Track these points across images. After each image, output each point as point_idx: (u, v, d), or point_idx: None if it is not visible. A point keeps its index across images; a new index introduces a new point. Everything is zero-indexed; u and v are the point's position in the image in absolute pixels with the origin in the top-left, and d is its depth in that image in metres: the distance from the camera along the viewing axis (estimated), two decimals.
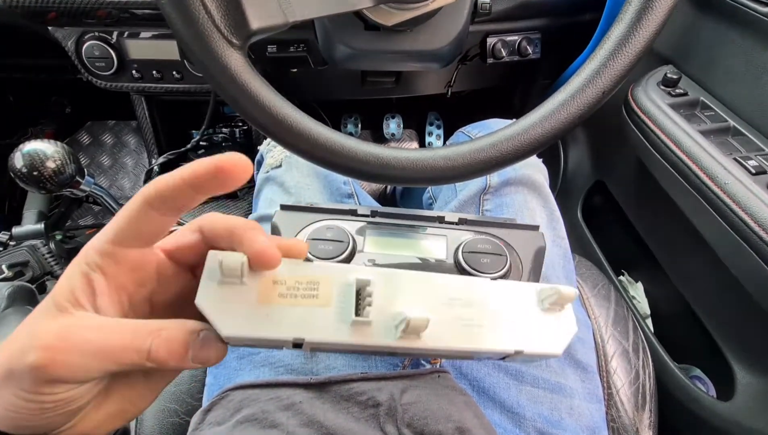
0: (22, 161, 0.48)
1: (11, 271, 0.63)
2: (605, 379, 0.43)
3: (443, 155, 0.32)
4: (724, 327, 0.55)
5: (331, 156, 0.32)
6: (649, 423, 0.43)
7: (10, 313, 0.50)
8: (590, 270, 0.54)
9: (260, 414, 0.32)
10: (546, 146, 0.32)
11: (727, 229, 0.44)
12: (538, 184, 0.49)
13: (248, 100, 0.30)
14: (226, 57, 0.29)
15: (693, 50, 0.56)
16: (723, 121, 0.50)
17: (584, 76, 0.30)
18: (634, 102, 0.56)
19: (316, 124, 0.31)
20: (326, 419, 0.31)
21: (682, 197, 0.51)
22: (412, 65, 0.62)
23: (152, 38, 0.69)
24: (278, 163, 0.54)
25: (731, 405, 0.51)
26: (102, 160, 1.19)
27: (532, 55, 0.67)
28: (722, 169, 0.45)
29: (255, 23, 0.29)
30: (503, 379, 0.37)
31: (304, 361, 0.38)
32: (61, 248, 0.72)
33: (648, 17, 0.29)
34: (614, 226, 0.77)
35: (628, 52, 0.29)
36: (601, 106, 0.31)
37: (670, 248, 0.64)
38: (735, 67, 0.51)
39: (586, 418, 0.37)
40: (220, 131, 0.99)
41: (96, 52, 0.69)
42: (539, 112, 0.31)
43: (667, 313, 0.69)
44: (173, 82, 0.74)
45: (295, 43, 0.64)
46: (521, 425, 0.36)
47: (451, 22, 0.49)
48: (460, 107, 1.12)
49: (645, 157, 0.56)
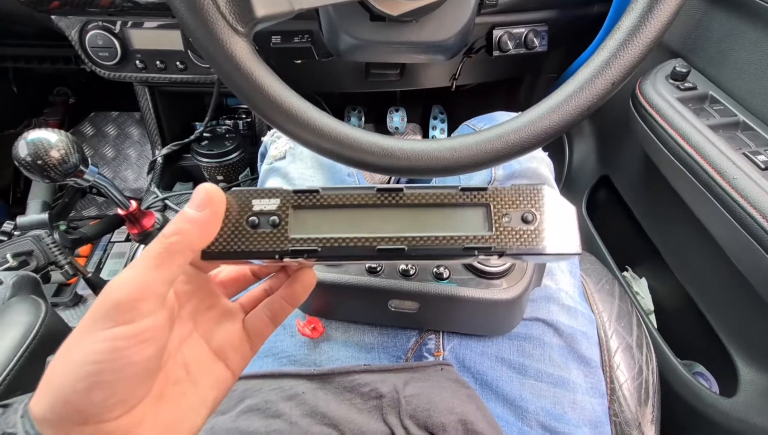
0: (26, 150, 0.48)
1: (16, 260, 0.63)
2: (608, 374, 0.43)
3: (449, 146, 0.31)
4: (728, 323, 0.55)
5: (336, 147, 0.31)
6: (651, 418, 0.43)
7: (14, 302, 0.50)
8: (594, 265, 0.54)
9: (263, 404, 0.32)
10: (554, 138, 0.31)
11: (735, 224, 0.43)
12: (543, 178, 0.49)
13: (253, 89, 0.29)
14: (231, 45, 0.28)
15: (702, 43, 0.56)
16: (732, 115, 0.49)
17: (594, 66, 0.29)
18: (642, 95, 0.55)
19: (322, 114, 0.31)
20: (329, 410, 0.31)
21: (689, 192, 0.51)
22: (417, 57, 0.61)
23: (156, 28, 0.69)
24: (282, 154, 0.54)
25: (734, 401, 0.50)
26: (105, 151, 1.19)
27: (539, 47, 0.66)
28: (731, 164, 0.44)
29: (260, 10, 0.29)
30: (506, 373, 0.37)
31: (307, 352, 0.38)
32: (65, 238, 0.72)
33: (660, 7, 0.28)
34: (619, 221, 0.76)
35: (639, 43, 0.28)
36: (608, 100, 0.31)
37: (675, 244, 0.64)
38: (745, 61, 0.50)
39: (589, 413, 0.37)
40: (224, 123, 0.99)
41: (99, 42, 0.69)
42: (547, 103, 0.30)
43: (670, 308, 0.68)
44: (177, 72, 0.73)
45: (299, 34, 0.64)
46: (524, 419, 0.36)
47: (457, 13, 0.48)
48: (465, 101, 1.11)
49: (652, 151, 0.56)
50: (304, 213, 0.23)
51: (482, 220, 0.23)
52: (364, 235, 0.22)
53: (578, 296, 0.44)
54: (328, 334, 0.39)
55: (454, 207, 0.23)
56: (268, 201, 0.23)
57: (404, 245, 0.22)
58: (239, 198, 0.23)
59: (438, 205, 0.23)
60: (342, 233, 0.22)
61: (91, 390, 0.18)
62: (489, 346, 0.38)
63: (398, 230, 0.23)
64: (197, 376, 0.23)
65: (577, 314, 0.42)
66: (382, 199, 0.23)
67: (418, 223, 0.23)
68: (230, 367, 0.24)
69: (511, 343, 0.38)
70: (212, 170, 0.90)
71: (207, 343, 0.24)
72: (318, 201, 0.23)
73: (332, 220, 0.23)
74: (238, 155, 0.90)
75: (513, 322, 0.39)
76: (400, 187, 0.23)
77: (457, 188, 0.23)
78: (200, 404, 0.22)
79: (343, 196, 0.23)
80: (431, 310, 0.36)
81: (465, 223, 0.23)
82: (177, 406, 0.21)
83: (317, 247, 0.22)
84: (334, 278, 0.35)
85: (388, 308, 0.36)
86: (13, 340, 0.44)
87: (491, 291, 0.34)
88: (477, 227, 0.23)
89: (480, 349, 0.38)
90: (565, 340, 0.40)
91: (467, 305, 0.35)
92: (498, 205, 0.23)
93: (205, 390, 0.23)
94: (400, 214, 0.23)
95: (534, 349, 0.38)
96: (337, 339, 0.39)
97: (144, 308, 0.19)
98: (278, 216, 0.23)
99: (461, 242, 0.22)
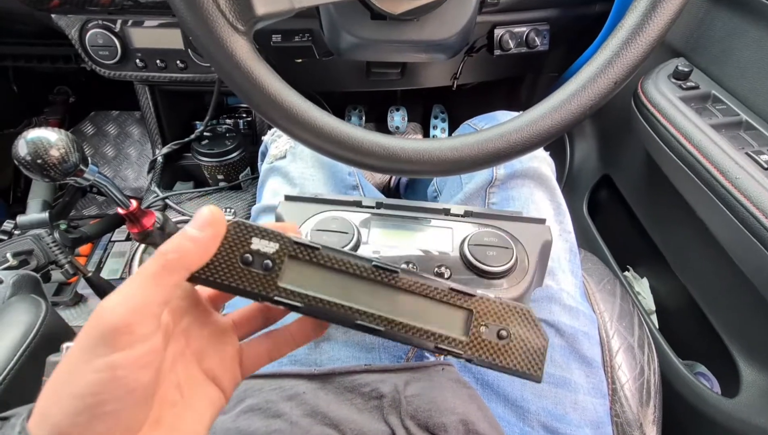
0: (26, 149, 0.48)
1: (16, 259, 0.63)
2: (610, 374, 0.43)
3: (450, 146, 0.31)
4: (730, 323, 0.55)
5: (336, 146, 0.31)
6: (653, 419, 0.43)
7: (14, 301, 0.50)
8: (596, 265, 0.54)
9: (264, 404, 0.32)
10: (555, 138, 0.31)
11: (738, 224, 0.43)
12: (545, 177, 0.49)
13: (253, 88, 0.29)
14: (231, 43, 0.28)
15: (705, 42, 0.55)
16: (735, 115, 0.49)
17: (596, 65, 0.29)
18: (644, 95, 0.55)
19: (322, 113, 0.31)
20: (329, 410, 0.31)
21: (691, 192, 0.51)
22: (418, 56, 0.61)
23: (156, 27, 0.69)
24: (283, 153, 0.54)
25: (736, 402, 0.50)
26: (106, 150, 1.19)
27: (540, 47, 0.66)
28: (733, 163, 0.44)
29: (260, 8, 0.29)
30: None
31: (308, 352, 0.38)
32: (66, 237, 0.72)
33: (663, 5, 0.28)
34: (620, 220, 0.76)
35: (642, 42, 0.28)
36: (610, 99, 0.30)
37: (677, 244, 0.63)
38: (748, 60, 0.50)
39: (590, 413, 0.37)
40: (224, 122, 0.98)
41: (100, 41, 0.69)
42: (549, 102, 0.30)
43: (672, 308, 0.68)
44: (177, 71, 0.73)
45: (300, 33, 0.63)
46: (525, 419, 0.35)
47: (458, 12, 0.48)
48: (466, 100, 1.11)
49: (654, 151, 0.56)
50: (298, 265, 0.23)
51: (462, 324, 0.24)
52: (348, 304, 0.23)
53: (580, 296, 0.44)
54: (329, 333, 0.39)
55: (440, 303, 0.24)
56: (268, 243, 0.23)
57: (382, 326, 0.23)
58: (240, 231, 0.23)
59: (426, 296, 0.24)
60: (328, 296, 0.23)
61: (92, 422, 0.17)
62: None
63: (382, 310, 0.23)
64: (191, 398, 0.22)
65: (579, 314, 0.42)
66: (375, 275, 0.23)
67: (402, 309, 0.24)
68: (221, 387, 0.24)
69: None
70: (213, 169, 0.90)
71: (198, 362, 0.23)
72: (315, 258, 0.23)
73: (323, 281, 0.23)
74: (238, 154, 0.90)
75: None
76: (396, 270, 0.23)
77: (447, 287, 0.24)
78: (198, 424, 0.22)
79: (341, 260, 0.23)
80: None
81: (445, 322, 0.24)
82: (175, 430, 0.21)
83: (301, 302, 0.23)
84: None
85: None
86: (13, 340, 0.44)
87: (493, 291, 0.34)
88: (455, 329, 0.24)
89: None
90: (567, 340, 0.39)
91: None
92: (480, 313, 0.24)
93: (201, 411, 0.22)
94: (388, 294, 0.24)
95: None
96: (337, 339, 0.38)
97: (141, 332, 0.18)
98: (273, 261, 0.23)
99: (435, 340, 0.23)
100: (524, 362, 0.23)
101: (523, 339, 0.24)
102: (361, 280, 0.23)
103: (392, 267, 0.23)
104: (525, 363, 0.23)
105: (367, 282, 0.24)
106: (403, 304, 0.24)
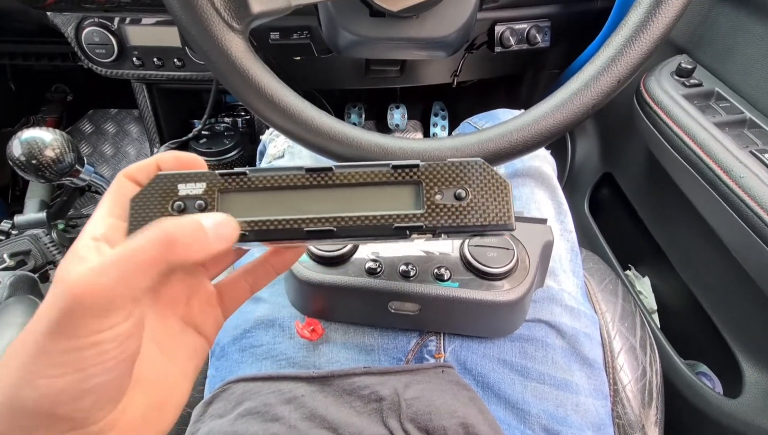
0: (20, 149, 0.47)
1: (13, 260, 0.62)
2: (611, 376, 0.43)
3: (450, 146, 0.31)
4: (733, 323, 0.54)
5: (334, 146, 0.31)
6: (655, 420, 0.43)
7: (11, 302, 0.50)
8: (597, 264, 0.53)
9: (262, 407, 0.32)
10: (557, 137, 0.31)
11: (741, 224, 0.42)
12: (546, 176, 0.48)
13: (249, 87, 0.29)
14: (226, 42, 0.28)
15: (709, 39, 0.55)
16: (739, 112, 0.48)
17: (599, 63, 0.29)
18: (647, 92, 0.54)
19: (320, 112, 0.30)
20: (328, 413, 0.31)
21: (694, 191, 0.50)
22: (417, 53, 0.60)
23: (153, 24, 0.68)
24: (281, 153, 0.54)
25: (738, 402, 0.50)
26: (104, 148, 1.18)
27: (541, 43, 0.65)
28: (737, 162, 0.43)
29: (256, 6, 0.28)
30: (508, 375, 0.37)
31: (306, 355, 0.37)
32: (63, 237, 0.72)
33: (668, 2, 0.27)
34: (622, 219, 0.76)
35: (647, 39, 0.28)
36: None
37: (679, 243, 0.63)
38: (752, 57, 0.49)
39: (592, 415, 0.37)
40: (222, 121, 0.98)
41: (96, 39, 0.68)
42: (551, 101, 0.30)
43: (674, 308, 0.68)
44: (174, 69, 0.73)
45: (298, 30, 0.63)
46: (526, 421, 0.35)
47: (458, 8, 0.47)
48: (466, 97, 1.10)
49: (656, 149, 0.55)
50: (231, 196, 0.22)
51: (413, 198, 0.22)
52: (291, 216, 0.22)
53: (581, 297, 0.44)
54: (328, 335, 0.38)
55: (385, 185, 0.22)
56: (194, 185, 0.22)
57: (333, 226, 0.22)
58: (164, 182, 0.22)
59: (369, 184, 0.22)
60: (269, 216, 0.22)
61: (79, 398, 0.17)
62: (491, 347, 0.38)
63: (327, 211, 0.22)
64: (170, 350, 0.22)
65: (580, 315, 0.41)
66: (311, 180, 0.22)
67: (347, 203, 0.22)
68: (203, 333, 0.23)
69: (513, 344, 0.38)
70: (211, 168, 0.90)
71: (173, 312, 0.23)
72: (245, 184, 0.22)
73: (260, 203, 0.22)
74: (236, 153, 0.89)
75: (515, 324, 0.38)
76: (330, 167, 0.22)
77: (389, 166, 0.22)
78: (182, 378, 0.22)
79: (271, 177, 0.22)
80: (432, 312, 0.36)
81: (396, 201, 0.22)
82: (159, 387, 0.21)
83: (244, 230, 0.22)
84: (333, 280, 0.34)
85: (388, 310, 0.35)
86: (10, 341, 0.44)
87: (493, 292, 0.34)
88: (407, 205, 0.22)
89: (482, 351, 0.37)
90: (568, 341, 0.39)
91: (469, 307, 0.34)
92: (430, 182, 0.22)
93: (183, 362, 0.22)
94: (330, 194, 0.22)
95: (536, 351, 0.38)
96: (336, 341, 0.38)
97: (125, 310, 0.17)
98: (204, 200, 0.22)
99: (391, 221, 0.22)
100: (491, 215, 0.22)
101: (483, 192, 0.22)
102: (298, 190, 0.22)
103: (325, 166, 0.22)
104: (492, 215, 0.22)
105: (304, 190, 0.22)
106: (347, 199, 0.22)
